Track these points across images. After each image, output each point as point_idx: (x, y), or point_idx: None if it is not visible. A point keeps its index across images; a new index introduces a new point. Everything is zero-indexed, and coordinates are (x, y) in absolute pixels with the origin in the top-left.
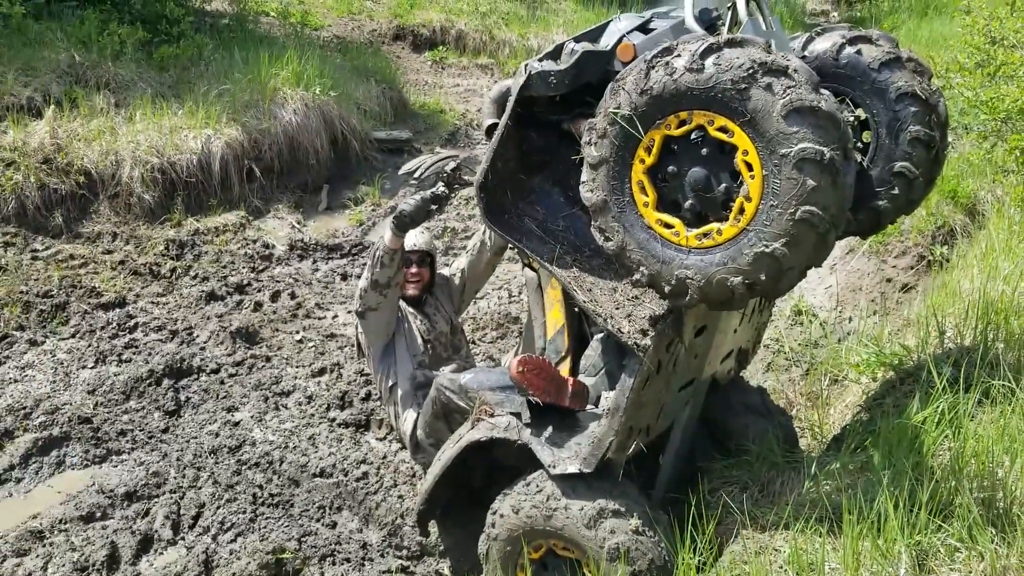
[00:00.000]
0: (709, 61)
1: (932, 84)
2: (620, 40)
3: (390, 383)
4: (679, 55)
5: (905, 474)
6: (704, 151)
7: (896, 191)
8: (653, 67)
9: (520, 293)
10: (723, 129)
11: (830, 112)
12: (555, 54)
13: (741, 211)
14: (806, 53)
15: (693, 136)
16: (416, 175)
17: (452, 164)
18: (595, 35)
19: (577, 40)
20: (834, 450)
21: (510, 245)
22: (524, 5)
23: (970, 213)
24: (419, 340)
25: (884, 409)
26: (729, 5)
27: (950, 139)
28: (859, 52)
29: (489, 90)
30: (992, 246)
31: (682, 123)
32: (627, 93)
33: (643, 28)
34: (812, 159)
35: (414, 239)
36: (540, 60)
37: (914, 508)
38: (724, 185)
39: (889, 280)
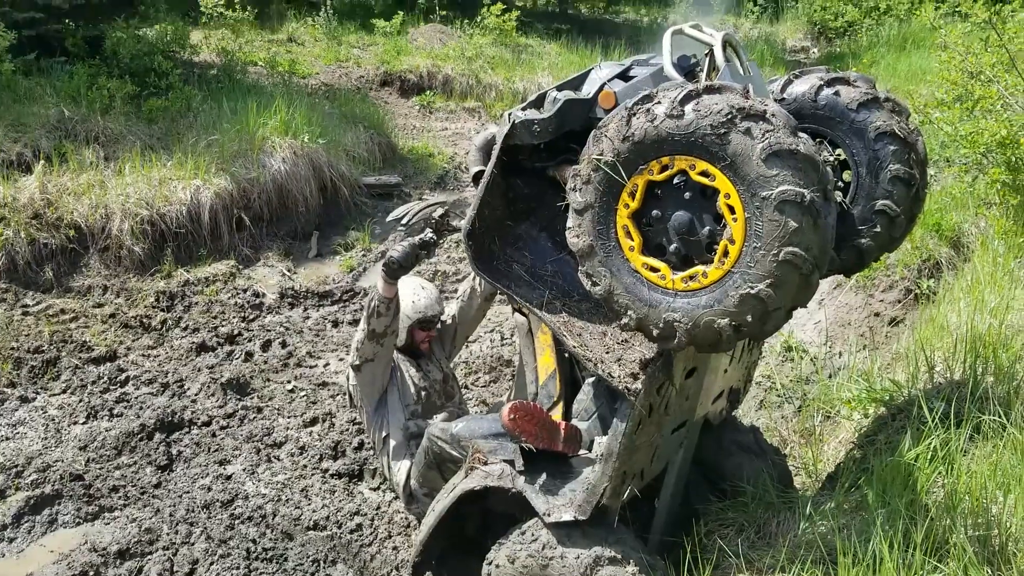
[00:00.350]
0: (689, 107)
1: (910, 123)
2: (601, 88)
3: (383, 434)
4: (659, 102)
5: (899, 513)
6: (687, 195)
7: (878, 229)
8: (634, 114)
9: (512, 336)
10: (705, 173)
11: (809, 154)
12: (538, 103)
13: (725, 254)
14: (785, 95)
15: (676, 180)
16: (404, 222)
17: (440, 211)
18: (577, 83)
19: (559, 88)
20: (829, 489)
21: (499, 292)
22: (509, 49)
23: (955, 246)
24: (412, 389)
25: (877, 446)
26: (707, 52)
27: (933, 172)
28: (837, 93)
29: (475, 136)
30: (978, 279)
31: (664, 168)
32: (609, 140)
33: (623, 76)
34: (793, 201)
35: (438, 306)
36: (523, 109)
37: (909, 548)
38: (707, 228)
39: (877, 314)
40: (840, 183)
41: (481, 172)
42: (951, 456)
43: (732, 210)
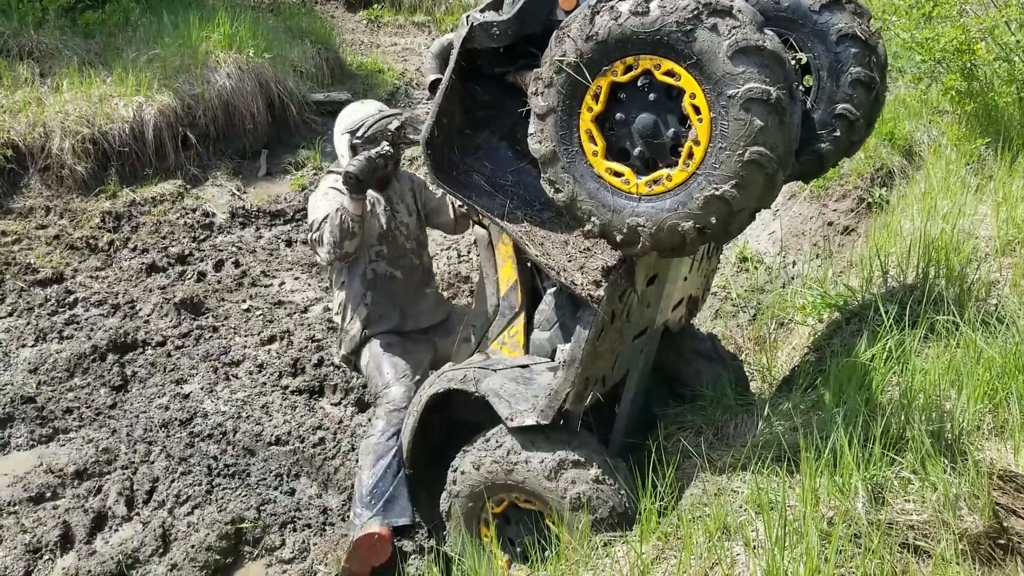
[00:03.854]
0: (654, 4)
1: (872, 25)
2: None
3: (343, 279)
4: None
5: (857, 411)
6: (651, 96)
7: (838, 133)
8: (598, 12)
9: (469, 252)
10: (670, 73)
11: (775, 51)
12: (497, 5)
13: (690, 155)
14: None
15: (640, 82)
16: (359, 134)
17: (396, 122)
18: None
19: None
20: (785, 391)
21: (460, 202)
22: None
23: (907, 154)
24: (377, 227)
25: (833, 349)
26: None
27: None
28: None
29: (429, 46)
30: (930, 186)
31: (628, 69)
32: (572, 40)
33: None
34: (759, 99)
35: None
36: (482, 11)
37: (867, 443)
38: (672, 130)
39: (831, 223)
40: (802, 87)
41: (438, 80)
42: (906, 356)
43: (697, 110)
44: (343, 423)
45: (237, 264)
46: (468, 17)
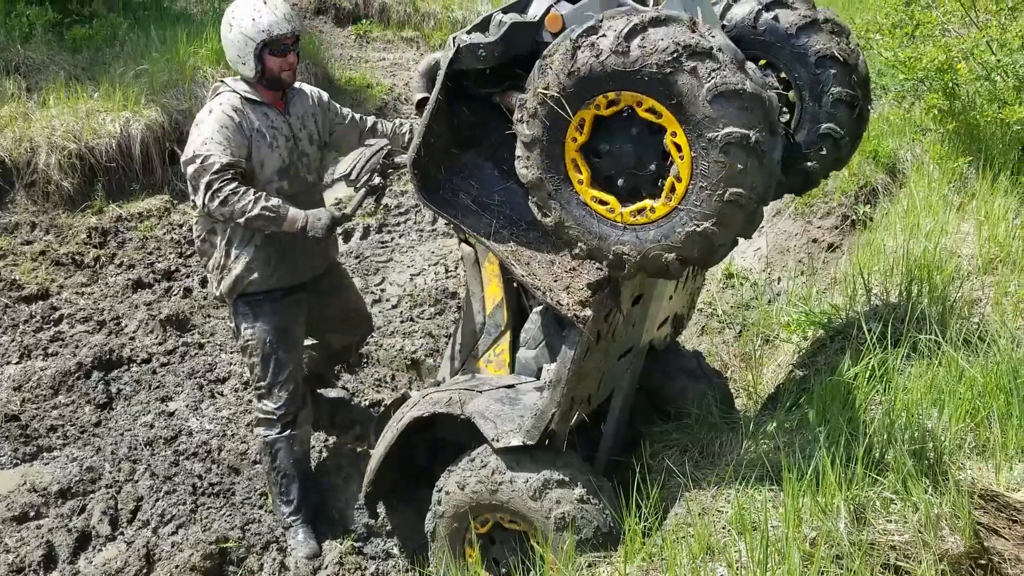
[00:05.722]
0: (634, 43)
1: (851, 43)
2: (548, 10)
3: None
4: (604, 35)
5: (840, 430)
6: (634, 130)
7: (824, 151)
8: (579, 48)
9: (457, 268)
10: (651, 110)
11: (755, 93)
12: (483, 26)
13: (672, 190)
14: (726, 21)
15: (624, 115)
16: (352, 177)
17: (381, 155)
18: (523, 6)
19: (505, 11)
20: (770, 409)
21: (446, 222)
22: None
23: (891, 172)
24: (278, 163)
25: (817, 367)
26: None
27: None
28: (776, 18)
29: (417, 64)
30: (913, 204)
31: (611, 103)
32: (555, 74)
33: None
34: (738, 143)
35: (287, 24)
36: (468, 33)
37: (850, 463)
38: (655, 164)
39: (815, 240)
40: (785, 109)
41: (425, 100)
42: (888, 375)
43: (679, 148)
44: (327, 441)
45: None
46: (455, 38)
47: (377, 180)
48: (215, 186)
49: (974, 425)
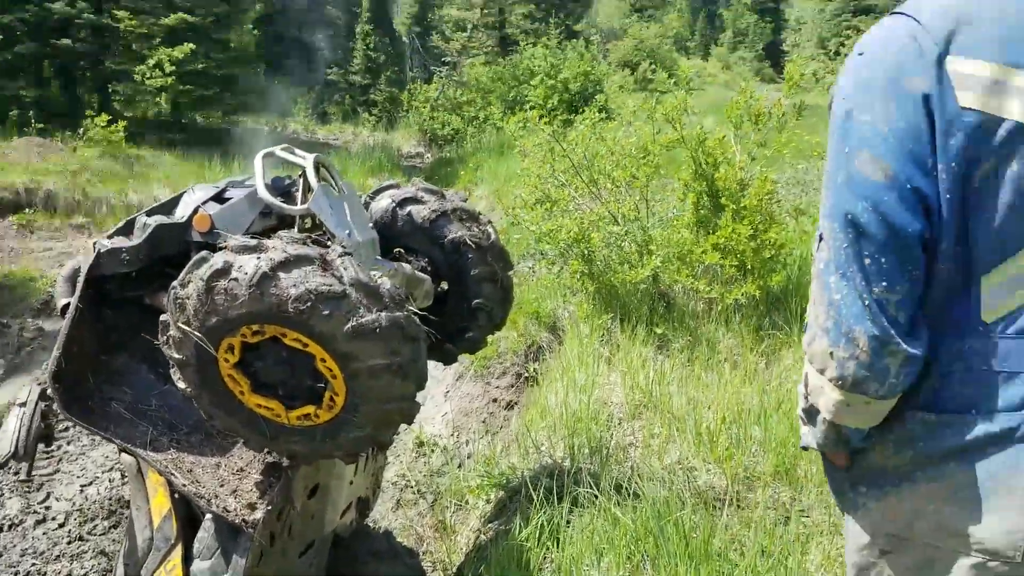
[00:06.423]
0: (268, 286)
1: (481, 225)
2: (196, 211)
3: None
4: (235, 278)
5: None
6: (285, 354)
7: (481, 322)
8: (213, 288)
9: None
10: (298, 340)
11: (392, 323)
12: (127, 229)
13: (332, 400)
14: (371, 213)
15: (273, 339)
16: (18, 455)
17: (33, 400)
18: (169, 207)
19: (150, 213)
20: None
21: (97, 436)
22: (119, 161)
23: (553, 330)
24: None
25: (496, 531)
26: (300, 174)
27: (531, 264)
28: (409, 213)
29: (62, 268)
30: (568, 360)
31: (257, 332)
32: (192, 310)
33: (218, 198)
34: (383, 369)
35: None
36: (110, 237)
37: None
38: (310, 382)
39: (495, 400)
40: (438, 287)
41: (68, 305)
42: (556, 531)
43: (331, 371)
44: None
45: None
46: (96, 243)
47: (41, 427)
48: None
49: (631, 568)
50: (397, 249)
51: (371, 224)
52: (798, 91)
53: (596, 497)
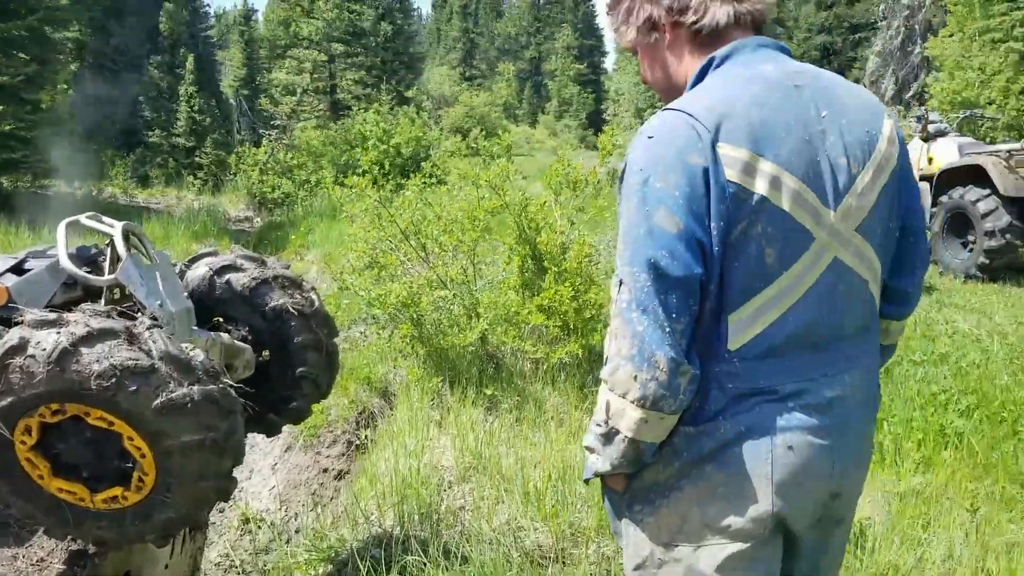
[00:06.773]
0: (69, 362)
1: (304, 293)
2: None
3: None
4: (32, 355)
5: None
6: (88, 433)
7: (306, 391)
8: (7, 367)
9: None
10: (102, 418)
11: (204, 398)
12: None
13: (141, 481)
14: (187, 282)
15: (75, 418)
16: None
17: None
18: None
19: None
20: None
21: None
22: None
23: (384, 395)
24: None
25: None
26: (107, 243)
27: (362, 329)
28: (228, 281)
29: None
30: (399, 425)
31: (58, 411)
32: None
33: (17, 269)
34: (197, 446)
35: None
36: None
37: None
38: (116, 462)
39: (326, 470)
40: (260, 357)
41: None
42: None
43: (139, 449)
44: None
45: None
46: None
47: None
48: None
49: None
50: (216, 318)
51: (187, 293)
52: (612, 158)
53: (424, 565)
